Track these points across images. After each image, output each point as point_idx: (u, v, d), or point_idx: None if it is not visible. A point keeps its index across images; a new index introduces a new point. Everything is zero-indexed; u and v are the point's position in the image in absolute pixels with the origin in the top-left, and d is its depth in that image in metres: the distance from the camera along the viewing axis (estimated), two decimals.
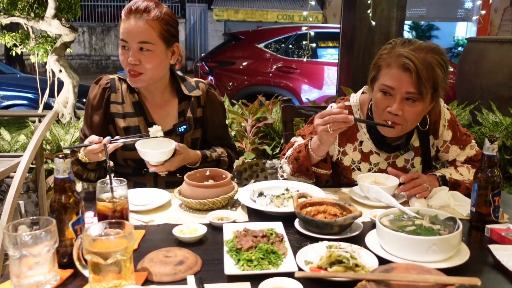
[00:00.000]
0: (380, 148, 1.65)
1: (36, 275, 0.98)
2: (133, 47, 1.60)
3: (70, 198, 1.07)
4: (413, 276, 0.82)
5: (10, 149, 3.11)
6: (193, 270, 1.06)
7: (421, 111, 1.49)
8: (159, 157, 1.57)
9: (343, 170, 1.70)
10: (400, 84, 1.43)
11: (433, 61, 1.42)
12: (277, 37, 6.51)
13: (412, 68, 1.40)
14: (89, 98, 1.75)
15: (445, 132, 1.67)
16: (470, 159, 1.70)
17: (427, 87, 1.42)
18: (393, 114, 1.47)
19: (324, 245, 1.13)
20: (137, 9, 1.60)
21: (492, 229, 1.25)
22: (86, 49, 15.87)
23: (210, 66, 6.45)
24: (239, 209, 1.47)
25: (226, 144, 1.88)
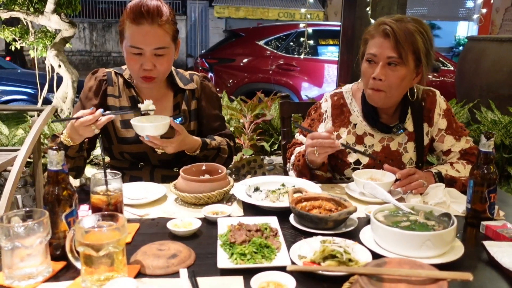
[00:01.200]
0: (374, 126, 1.68)
1: (28, 267, 0.98)
2: (147, 53, 1.57)
3: (63, 191, 1.07)
4: (405, 271, 0.82)
5: (8, 143, 3.11)
6: (186, 264, 1.06)
7: (403, 76, 1.53)
8: (154, 130, 1.53)
9: (339, 153, 1.72)
10: (382, 50, 1.52)
11: (412, 28, 1.50)
12: (278, 35, 6.50)
13: (390, 33, 1.49)
14: (84, 89, 1.74)
15: (440, 121, 1.70)
16: (466, 152, 1.71)
17: (406, 51, 1.49)
18: (377, 80, 1.53)
19: (318, 240, 1.12)
20: (149, 12, 1.53)
21: (487, 225, 1.24)
22: (87, 45, 15.86)
23: (210, 63, 6.44)
24: (234, 203, 1.46)
25: (223, 134, 1.88)
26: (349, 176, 1.73)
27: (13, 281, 0.97)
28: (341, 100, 1.74)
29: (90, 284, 0.95)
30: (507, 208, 1.46)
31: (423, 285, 0.80)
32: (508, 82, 4.01)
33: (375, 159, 1.63)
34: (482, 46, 4.27)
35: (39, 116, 2.49)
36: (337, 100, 1.75)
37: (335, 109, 1.74)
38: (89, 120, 1.44)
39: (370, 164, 1.69)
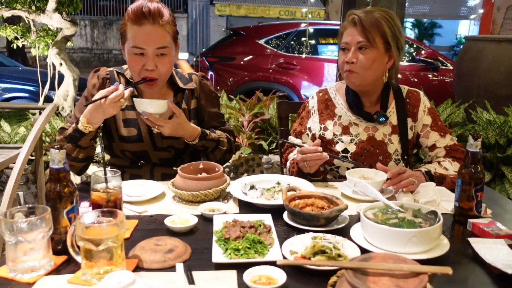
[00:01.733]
0: (358, 114, 1.79)
1: (31, 260, 1.02)
2: (149, 53, 1.60)
3: (65, 188, 1.11)
4: (388, 265, 0.86)
5: (10, 141, 3.15)
6: (182, 258, 1.10)
7: (374, 58, 1.68)
8: (150, 106, 1.57)
9: (327, 144, 1.83)
10: (352, 38, 1.68)
11: (378, 16, 1.66)
12: (278, 33, 6.53)
13: (357, 21, 1.65)
14: (88, 86, 1.78)
15: (424, 117, 1.80)
16: (451, 149, 1.77)
17: (373, 35, 1.64)
18: (350, 63, 1.69)
19: (310, 236, 1.17)
20: (150, 13, 1.58)
21: (474, 223, 1.29)
22: (88, 43, 15.90)
23: (210, 61, 6.47)
24: (230, 201, 1.51)
25: (224, 129, 1.91)
26: (338, 165, 1.82)
27: (17, 274, 1.02)
28: (326, 95, 1.87)
29: (90, 277, 1.00)
30: (497, 207, 1.50)
31: (405, 279, 0.84)
32: (505, 82, 4.04)
33: (359, 166, 1.72)
34: (480, 46, 4.31)
35: (41, 114, 2.54)
36: (322, 96, 1.88)
37: (321, 104, 1.86)
38: (119, 95, 1.51)
39: (358, 152, 1.78)
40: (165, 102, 1.59)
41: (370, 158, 1.77)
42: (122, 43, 1.69)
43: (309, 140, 1.87)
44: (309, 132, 1.87)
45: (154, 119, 1.59)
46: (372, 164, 1.77)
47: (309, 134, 1.87)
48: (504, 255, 1.11)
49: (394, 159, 1.78)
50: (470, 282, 1.06)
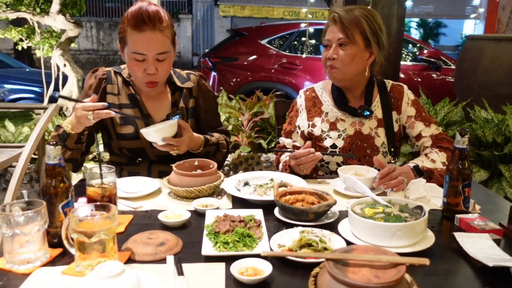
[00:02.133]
0: (343, 109, 1.84)
1: (27, 252, 1.06)
2: (150, 58, 1.63)
3: (60, 183, 1.15)
4: (368, 256, 0.89)
5: (14, 140, 3.21)
6: (173, 251, 1.14)
7: (353, 54, 1.73)
8: (170, 130, 1.60)
9: (316, 140, 1.88)
10: (333, 35, 1.74)
11: (358, 14, 1.71)
12: (280, 34, 6.56)
13: (337, 19, 1.72)
14: (85, 87, 1.82)
15: (408, 109, 1.85)
16: (436, 138, 1.81)
17: (352, 31, 1.70)
18: (331, 59, 1.75)
19: (298, 231, 1.20)
20: (150, 18, 1.59)
21: (461, 218, 1.31)
22: (94, 44, 16.01)
23: (213, 62, 6.51)
24: (224, 197, 1.54)
25: (220, 130, 1.96)
26: (328, 160, 1.86)
27: (13, 265, 1.06)
28: (312, 94, 1.93)
29: (83, 268, 1.03)
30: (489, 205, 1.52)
31: (384, 269, 0.87)
32: (505, 81, 4.05)
33: (353, 157, 1.78)
34: (480, 45, 4.31)
35: (43, 114, 2.58)
36: (309, 94, 1.93)
37: (308, 102, 1.91)
38: (88, 106, 1.52)
39: (346, 147, 1.83)
40: (176, 122, 1.63)
41: (358, 151, 1.82)
42: (121, 47, 1.71)
43: (299, 138, 1.91)
44: (298, 130, 1.91)
45: (174, 141, 1.62)
46: (360, 158, 1.81)
47: (298, 132, 1.91)
48: (487, 248, 1.13)
49: (382, 151, 1.83)
50: (453, 274, 1.08)
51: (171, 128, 1.62)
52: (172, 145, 1.63)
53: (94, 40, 15.90)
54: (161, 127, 1.61)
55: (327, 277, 0.88)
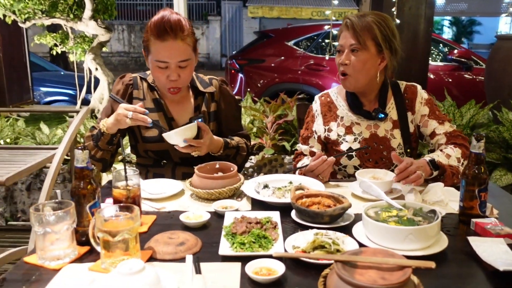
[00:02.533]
0: (358, 113, 1.87)
1: (57, 249, 1.14)
2: (173, 66, 1.71)
3: (88, 185, 1.23)
4: (375, 259, 0.92)
5: (48, 142, 3.36)
6: (193, 251, 1.19)
7: (365, 60, 1.76)
8: (189, 131, 1.66)
9: (332, 144, 1.92)
10: (346, 40, 1.77)
11: (370, 20, 1.73)
12: (307, 35, 6.57)
13: (349, 25, 1.74)
14: (112, 92, 1.92)
15: (422, 108, 1.87)
16: (451, 135, 1.81)
17: (364, 38, 1.73)
18: (343, 65, 1.78)
19: (313, 233, 1.24)
20: (172, 28, 1.67)
21: (476, 222, 1.32)
22: (125, 47, 16.39)
23: (240, 64, 6.58)
24: (244, 199, 1.59)
25: (241, 134, 2.01)
26: (345, 164, 1.89)
27: (45, 261, 1.14)
28: (328, 99, 1.96)
29: (108, 265, 1.11)
30: None
31: (391, 271, 0.90)
32: None
33: (366, 147, 1.82)
34: (510, 45, 4.21)
35: (76, 117, 2.70)
36: (324, 99, 1.96)
37: (323, 107, 1.95)
38: (130, 107, 1.63)
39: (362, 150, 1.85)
40: (195, 124, 1.69)
41: (374, 154, 1.84)
42: (145, 54, 1.80)
43: (316, 143, 1.95)
44: (315, 135, 1.95)
45: (195, 142, 1.68)
46: (377, 160, 1.83)
47: (315, 137, 1.95)
48: (500, 253, 1.14)
49: (398, 153, 1.84)
50: (464, 278, 1.10)
51: (191, 130, 1.68)
52: (192, 147, 1.69)
53: (126, 43, 16.28)
54: (181, 129, 1.67)
55: (335, 278, 0.91)
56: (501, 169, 2.81)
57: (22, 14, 4.44)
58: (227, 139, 1.89)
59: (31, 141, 3.37)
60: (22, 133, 3.50)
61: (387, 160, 1.84)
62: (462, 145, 1.76)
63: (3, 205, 3.28)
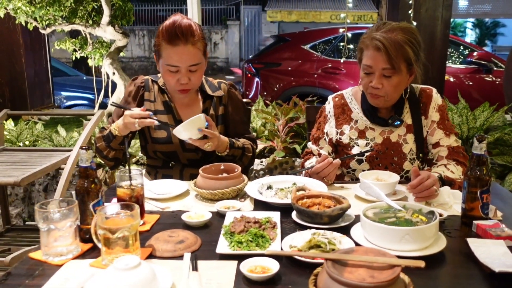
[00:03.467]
0: (373, 121, 1.84)
1: (60, 246, 1.18)
2: (183, 70, 1.76)
3: (91, 184, 1.27)
4: (365, 257, 0.93)
5: (65, 144, 3.45)
6: (191, 249, 1.22)
7: (397, 83, 1.71)
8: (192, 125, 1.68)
9: (344, 148, 1.90)
10: (376, 63, 1.68)
11: (401, 40, 1.65)
12: (323, 38, 6.57)
13: (382, 48, 1.64)
14: (125, 93, 1.98)
15: (433, 114, 1.83)
16: (453, 151, 1.79)
17: (398, 62, 1.66)
18: (375, 88, 1.71)
19: (310, 233, 1.25)
20: (182, 33, 1.71)
21: (478, 224, 1.31)
22: (146, 52, 16.63)
23: (256, 68, 6.62)
24: (247, 200, 1.61)
25: (247, 137, 2.03)
26: (354, 168, 1.87)
27: (49, 257, 1.18)
28: (342, 100, 1.92)
29: (108, 262, 1.14)
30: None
31: (380, 270, 0.91)
32: None
33: (372, 150, 1.79)
34: None
35: (90, 120, 2.77)
36: (338, 101, 1.93)
37: (337, 109, 1.92)
38: (135, 114, 1.68)
39: (373, 154, 1.83)
40: (201, 116, 1.70)
41: (385, 159, 1.82)
42: (156, 59, 1.85)
43: (326, 145, 1.94)
44: (326, 137, 1.93)
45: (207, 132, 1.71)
46: (387, 165, 1.81)
47: (326, 139, 1.93)
48: (499, 255, 1.13)
49: (409, 159, 1.82)
50: (460, 278, 1.09)
51: (199, 121, 1.68)
52: (204, 139, 1.71)
53: (146, 48, 16.51)
54: (189, 121, 1.68)
55: (325, 276, 0.92)
56: None
57: (43, 20, 4.58)
58: (233, 139, 1.91)
59: (49, 144, 3.47)
60: (40, 136, 3.61)
61: (397, 166, 1.82)
62: (463, 163, 1.76)
63: (21, 205, 3.37)
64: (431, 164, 1.83)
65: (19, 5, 4.29)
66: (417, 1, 4.52)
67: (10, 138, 3.57)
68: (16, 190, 3.40)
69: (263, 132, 3.37)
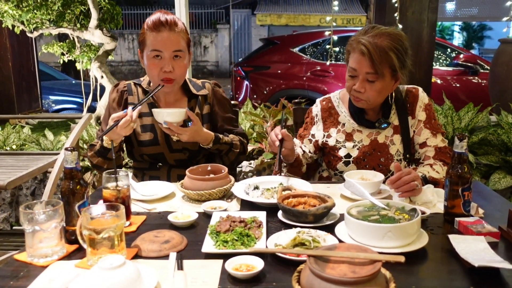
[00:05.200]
0: (361, 123, 1.85)
1: (45, 247, 1.18)
2: (167, 56, 1.78)
3: (77, 185, 1.27)
4: (347, 253, 0.95)
5: (53, 148, 3.43)
6: (177, 248, 1.22)
7: (381, 89, 1.71)
8: (171, 116, 1.72)
9: (330, 150, 1.91)
10: (360, 66, 1.69)
11: (387, 46, 1.66)
12: (311, 42, 6.61)
13: (366, 53, 1.65)
14: (109, 101, 1.97)
15: (420, 113, 1.85)
16: (440, 151, 1.80)
17: (382, 68, 1.66)
18: (357, 91, 1.72)
19: (295, 231, 1.26)
20: (167, 22, 1.78)
21: (459, 221, 1.33)
22: (135, 55, 16.58)
23: (245, 71, 6.64)
24: (234, 200, 1.62)
25: (236, 132, 2.05)
26: (342, 170, 1.88)
27: (34, 258, 1.18)
28: (329, 104, 1.94)
29: (93, 262, 1.14)
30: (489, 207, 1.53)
31: (362, 266, 0.92)
32: None
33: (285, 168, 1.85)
34: None
35: (77, 124, 2.77)
36: (325, 104, 1.94)
37: (324, 112, 1.93)
38: (128, 120, 1.66)
39: (360, 156, 1.84)
40: (183, 111, 1.75)
41: (372, 160, 1.83)
42: (140, 51, 1.86)
43: (310, 145, 1.96)
44: (312, 138, 1.95)
45: (174, 128, 1.74)
46: (374, 167, 1.83)
47: (311, 139, 1.95)
48: (479, 250, 1.15)
49: (396, 159, 1.83)
50: (441, 273, 1.11)
51: (177, 115, 1.73)
52: (180, 128, 1.74)
53: (135, 52, 16.46)
54: (169, 111, 1.74)
55: (307, 272, 0.94)
56: (500, 172, 2.80)
57: (30, 24, 4.56)
58: (220, 134, 1.92)
59: (36, 148, 3.45)
60: (27, 140, 3.58)
61: (384, 167, 1.84)
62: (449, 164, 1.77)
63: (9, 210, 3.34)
64: (418, 164, 1.85)
65: (6, 8, 4.27)
66: (403, 4, 4.58)
67: None
68: (3, 195, 3.37)
69: (251, 134, 3.39)
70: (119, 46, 4.51)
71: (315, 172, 2.09)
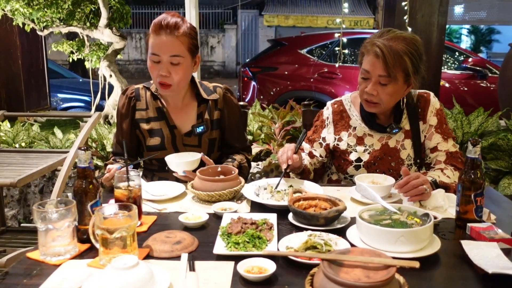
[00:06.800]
0: (372, 128, 1.84)
1: (58, 246, 1.19)
2: (164, 60, 1.77)
3: (89, 184, 1.28)
4: (361, 258, 0.94)
5: (61, 146, 3.45)
6: (189, 249, 1.23)
7: (393, 92, 1.70)
8: (187, 166, 1.73)
9: (341, 154, 1.90)
10: (374, 69, 1.68)
11: (401, 50, 1.64)
12: (319, 43, 6.60)
13: (380, 55, 1.65)
14: (118, 108, 1.97)
15: (431, 118, 1.84)
16: (452, 156, 1.79)
17: (395, 71, 1.65)
18: (369, 94, 1.71)
19: (307, 234, 1.26)
20: (167, 25, 1.75)
21: (472, 227, 1.32)
22: (143, 55, 16.63)
23: (253, 72, 6.64)
24: (244, 202, 1.62)
25: (242, 147, 2.04)
26: (352, 174, 1.88)
27: (46, 257, 1.19)
28: (341, 107, 1.92)
29: (106, 262, 1.14)
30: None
31: (376, 270, 0.92)
32: None
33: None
34: None
35: (87, 122, 2.78)
36: (337, 107, 1.92)
37: (335, 115, 1.92)
38: (107, 177, 1.63)
39: (371, 160, 1.83)
40: (199, 157, 1.76)
41: (382, 165, 1.83)
42: (146, 52, 1.86)
43: (321, 149, 1.94)
44: (322, 142, 1.93)
45: (192, 175, 1.73)
46: (385, 171, 1.82)
47: (322, 143, 1.93)
48: (492, 257, 1.15)
49: (407, 164, 1.82)
50: (453, 280, 1.11)
51: (192, 164, 1.74)
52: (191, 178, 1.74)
53: (143, 51, 16.51)
54: (184, 162, 1.73)
55: (321, 276, 0.94)
56: (509, 177, 2.78)
57: (40, 22, 4.58)
58: (229, 164, 1.87)
59: (45, 145, 3.46)
60: (36, 138, 3.60)
61: (394, 172, 1.82)
62: (461, 169, 1.74)
63: (17, 207, 3.37)
64: (429, 168, 1.84)
65: (17, 6, 4.30)
66: (413, 7, 4.56)
67: (6, 140, 3.57)
68: (12, 192, 3.40)
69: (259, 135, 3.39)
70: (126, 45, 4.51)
71: (323, 175, 2.08)
